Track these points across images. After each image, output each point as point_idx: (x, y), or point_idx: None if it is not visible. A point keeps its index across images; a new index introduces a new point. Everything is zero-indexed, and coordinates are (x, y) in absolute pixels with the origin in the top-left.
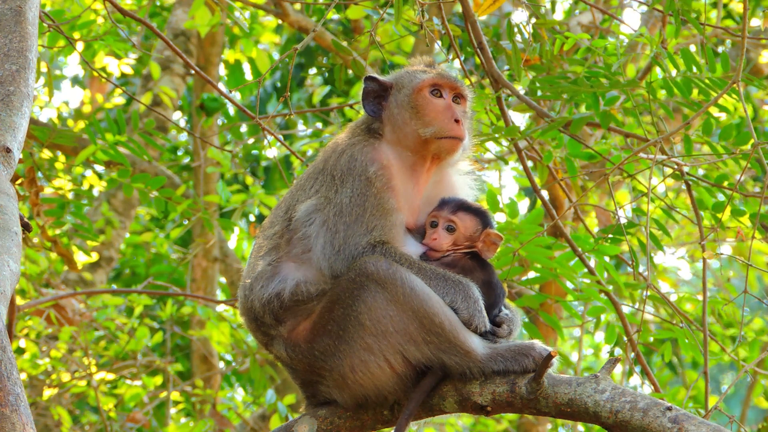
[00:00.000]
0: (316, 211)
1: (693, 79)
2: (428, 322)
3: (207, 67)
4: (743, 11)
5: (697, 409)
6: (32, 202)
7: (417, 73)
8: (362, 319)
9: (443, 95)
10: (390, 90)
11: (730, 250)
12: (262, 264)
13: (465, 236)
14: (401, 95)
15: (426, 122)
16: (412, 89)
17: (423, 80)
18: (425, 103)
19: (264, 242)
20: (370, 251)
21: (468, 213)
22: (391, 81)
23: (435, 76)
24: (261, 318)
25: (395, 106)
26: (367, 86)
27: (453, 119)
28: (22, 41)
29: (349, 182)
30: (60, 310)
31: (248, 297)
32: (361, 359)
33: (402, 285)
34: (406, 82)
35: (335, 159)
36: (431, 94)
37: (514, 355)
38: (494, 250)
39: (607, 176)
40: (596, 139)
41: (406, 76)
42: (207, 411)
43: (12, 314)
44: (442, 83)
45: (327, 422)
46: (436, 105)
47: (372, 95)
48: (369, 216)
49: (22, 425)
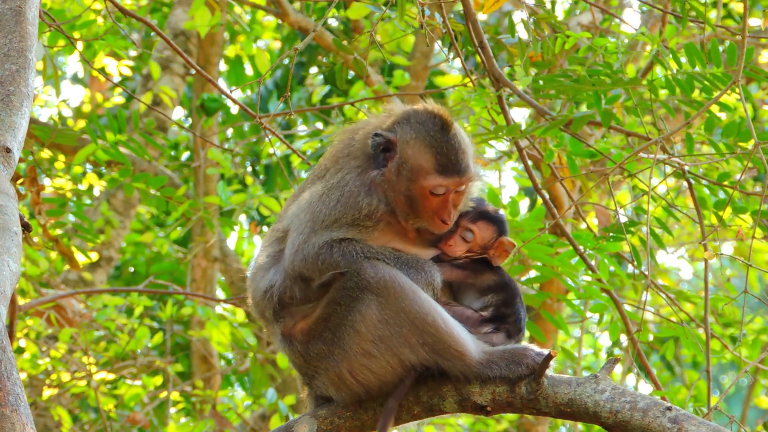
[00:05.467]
0: (295, 216)
1: (695, 76)
2: (421, 324)
3: (207, 66)
4: (743, 11)
5: (698, 408)
6: (33, 202)
7: (425, 154)
8: (358, 327)
9: (442, 193)
10: (395, 146)
11: (731, 250)
12: (264, 255)
13: (480, 245)
14: (403, 172)
15: (414, 213)
16: (415, 182)
17: (431, 183)
18: (423, 201)
19: (271, 234)
20: (328, 249)
21: (488, 222)
22: (395, 138)
23: (442, 180)
24: (264, 311)
25: (395, 177)
26: (374, 142)
27: (441, 219)
28: (22, 41)
29: (336, 196)
30: (60, 310)
31: (251, 288)
32: (359, 363)
33: (393, 288)
34: (411, 161)
35: (332, 172)
36: (431, 193)
37: (507, 363)
38: (505, 257)
39: (607, 176)
40: (596, 138)
41: (414, 144)
42: (207, 411)
43: (13, 314)
44: (447, 186)
45: (327, 422)
46: (432, 204)
47: (378, 149)
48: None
49: (22, 425)
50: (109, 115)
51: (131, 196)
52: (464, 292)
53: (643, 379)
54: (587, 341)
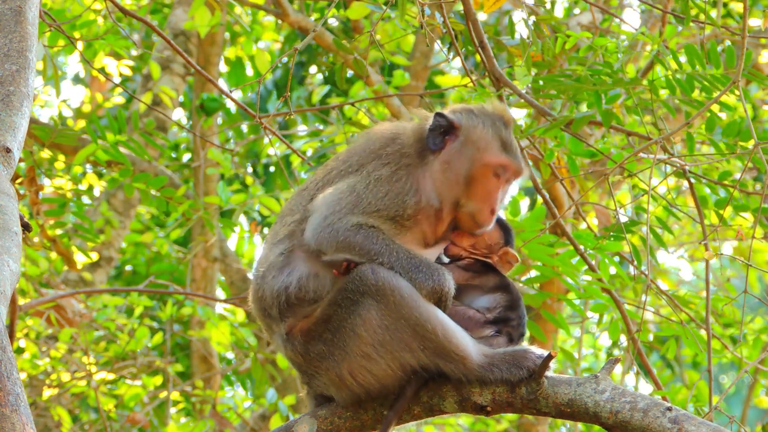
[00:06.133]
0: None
1: (695, 76)
2: (421, 330)
3: (207, 67)
4: (743, 11)
5: (698, 408)
6: (32, 201)
7: (492, 137)
8: (358, 331)
9: (501, 176)
10: (457, 132)
11: (731, 250)
12: (275, 253)
13: (486, 244)
14: (466, 151)
15: (469, 196)
16: (480, 160)
17: (496, 159)
18: (483, 180)
19: (281, 229)
20: (356, 230)
21: (496, 223)
22: (460, 122)
23: (508, 160)
24: (269, 309)
25: (457, 156)
26: (436, 122)
27: (492, 209)
28: (22, 41)
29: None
30: (60, 310)
31: (260, 286)
32: (359, 365)
33: (392, 294)
34: (480, 143)
35: (378, 165)
36: (494, 174)
37: (508, 366)
38: (508, 269)
39: (607, 176)
40: (596, 138)
41: (481, 129)
42: (207, 411)
43: (13, 314)
44: (510, 168)
45: (327, 422)
46: (490, 187)
47: (439, 130)
48: (377, 210)
49: (22, 425)
50: (109, 115)
51: (131, 196)
52: (469, 293)
53: (643, 378)
54: (587, 341)
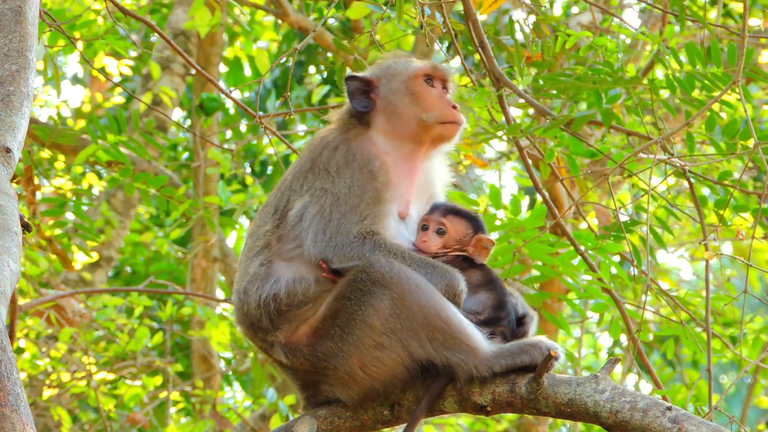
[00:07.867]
0: (310, 204)
1: (695, 75)
2: (434, 320)
3: (207, 67)
4: (743, 10)
5: (698, 407)
6: (29, 201)
7: (407, 62)
8: (369, 321)
9: (434, 85)
10: (376, 83)
11: (731, 249)
12: (254, 265)
13: (455, 239)
14: (394, 84)
15: (426, 107)
16: (407, 76)
17: (419, 68)
18: (423, 90)
19: (254, 243)
20: (360, 241)
21: (458, 216)
22: (375, 75)
23: (429, 66)
24: (258, 323)
25: (390, 95)
26: (350, 85)
27: (451, 105)
28: (22, 41)
29: (348, 174)
30: (60, 310)
31: (243, 302)
32: (371, 356)
33: (407, 283)
34: (399, 71)
35: (329, 154)
36: (425, 82)
37: (518, 353)
38: (486, 254)
39: (607, 176)
40: (596, 138)
41: (394, 65)
42: (207, 411)
43: (13, 314)
44: (434, 74)
45: (327, 422)
46: (432, 93)
47: (358, 93)
48: (364, 206)
49: (22, 425)
50: (109, 115)
51: (131, 196)
52: None
53: (643, 378)
54: (587, 341)
